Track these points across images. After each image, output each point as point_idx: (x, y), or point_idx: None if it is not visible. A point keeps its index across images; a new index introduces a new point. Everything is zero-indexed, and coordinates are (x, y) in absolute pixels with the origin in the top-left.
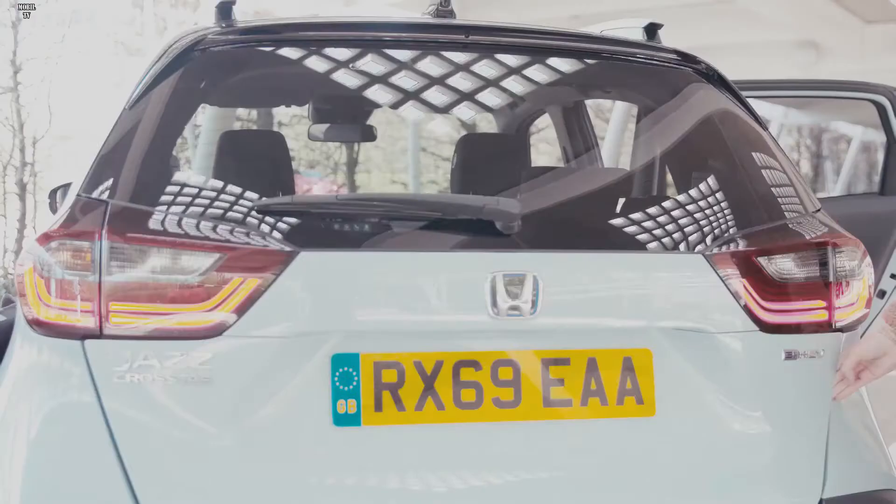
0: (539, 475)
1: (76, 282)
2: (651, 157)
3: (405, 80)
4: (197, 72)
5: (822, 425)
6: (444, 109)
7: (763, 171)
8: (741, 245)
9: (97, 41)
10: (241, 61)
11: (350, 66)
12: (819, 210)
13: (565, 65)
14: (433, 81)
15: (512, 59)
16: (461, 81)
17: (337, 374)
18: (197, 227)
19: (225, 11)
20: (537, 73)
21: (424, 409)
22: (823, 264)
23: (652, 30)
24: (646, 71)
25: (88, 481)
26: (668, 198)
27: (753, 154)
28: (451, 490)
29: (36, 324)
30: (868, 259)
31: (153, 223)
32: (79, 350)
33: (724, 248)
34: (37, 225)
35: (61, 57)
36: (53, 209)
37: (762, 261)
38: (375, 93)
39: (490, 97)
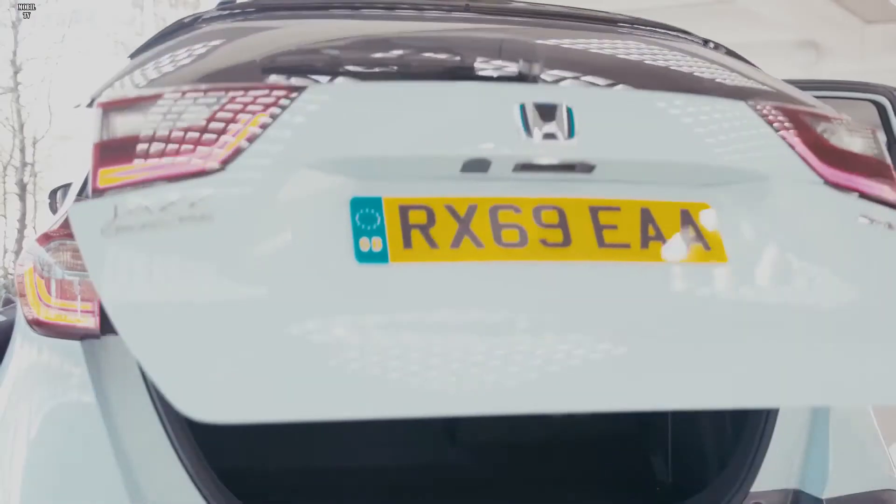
0: (599, 317)
1: (76, 282)
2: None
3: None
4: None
5: None
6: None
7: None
8: (788, 103)
9: (97, 41)
10: (241, 32)
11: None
12: None
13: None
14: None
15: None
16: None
17: (357, 215)
18: (197, 78)
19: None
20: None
21: (461, 246)
22: (879, 147)
23: None
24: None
25: (88, 481)
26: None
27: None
28: (493, 329)
29: (36, 324)
30: None
31: (149, 87)
32: (79, 350)
33: (770, 102)
34: (37, 225)
35: (61, 57)
36: (53, 209)
37: (812, 121)
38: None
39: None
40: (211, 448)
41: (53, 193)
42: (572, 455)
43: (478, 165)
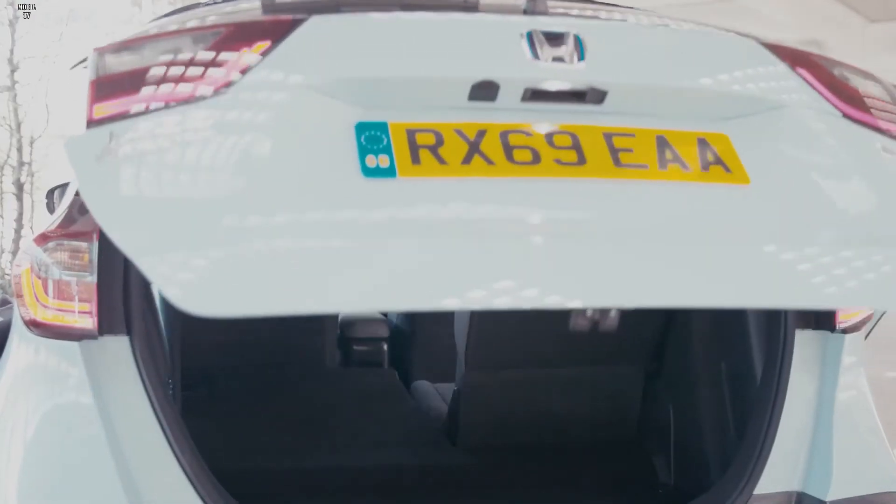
0: (616, 230)
1: (74, 282)
2: None
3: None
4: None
5: None
6: None
7: None
8: (794, 47)
9: (95, 40)
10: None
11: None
12: None
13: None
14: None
15: None
16: None
17: (363, 136)
18: (195, 22)
19: None
20: None
21: (472, 163)
22: (892, 94)
23: None
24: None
25: (86, 482)
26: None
27: None
28: (504, 235)
29: (33, 325)
30: None
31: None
32: (76, 351)
33: (782, 45)
34: (34, 225)
35: (59, 56)
36: (51, 209)
37: (826, 63)
38: None
39: None
40: (209, 449)
41: (51, 193)
42: (574, 456)
43: (485, 92)
